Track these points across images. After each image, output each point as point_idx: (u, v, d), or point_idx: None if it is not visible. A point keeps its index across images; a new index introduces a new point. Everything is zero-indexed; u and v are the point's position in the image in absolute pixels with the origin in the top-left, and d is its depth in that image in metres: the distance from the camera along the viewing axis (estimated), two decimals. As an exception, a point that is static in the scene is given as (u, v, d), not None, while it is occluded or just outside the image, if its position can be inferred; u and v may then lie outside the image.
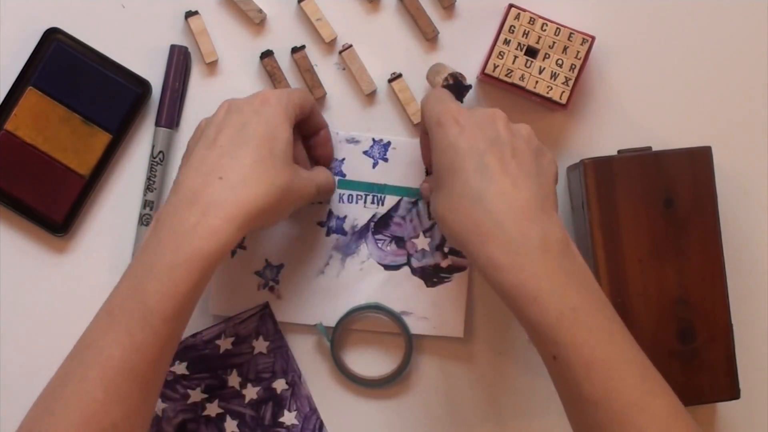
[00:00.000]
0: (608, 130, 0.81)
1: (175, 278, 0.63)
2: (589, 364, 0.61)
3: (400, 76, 0.80)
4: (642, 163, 0.75)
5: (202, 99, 0.81)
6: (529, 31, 0.77)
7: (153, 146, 0.80)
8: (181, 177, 0.67)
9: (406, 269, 0.80)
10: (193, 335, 0.78)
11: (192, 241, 0.64)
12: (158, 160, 0.79)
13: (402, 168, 0.80)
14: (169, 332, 0.64)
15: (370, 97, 0.81)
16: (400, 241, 0.80)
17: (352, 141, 0.80)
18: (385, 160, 0.80)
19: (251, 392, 0.79)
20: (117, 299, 0.65)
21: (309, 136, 0.78)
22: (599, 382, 0.61)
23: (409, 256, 0.80)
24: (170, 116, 0.80)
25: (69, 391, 0.62)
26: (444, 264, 0.80)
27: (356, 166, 0.80)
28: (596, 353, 0.61)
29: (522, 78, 0.77)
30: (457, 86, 0.75)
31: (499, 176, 0.65)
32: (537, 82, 0.77)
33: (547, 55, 0.77)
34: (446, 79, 0.75)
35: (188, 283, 0.63)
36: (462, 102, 0.76)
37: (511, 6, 0.78)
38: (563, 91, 0.77)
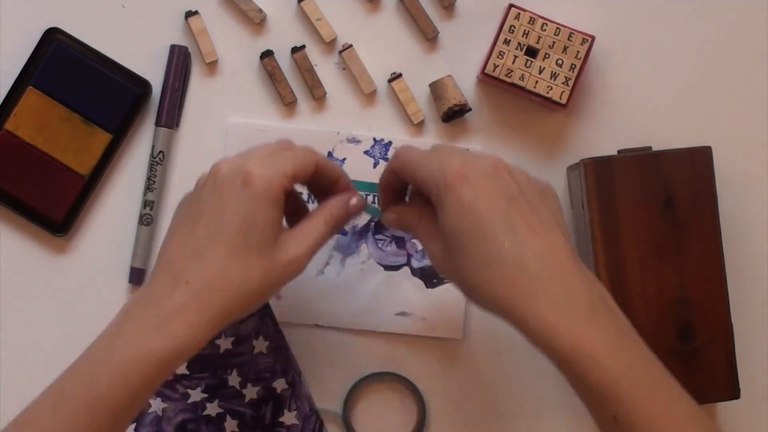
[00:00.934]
0: (608, 130, 0.81)
1: (129, 375, 0.62)
2: (652, 423, 0.60)
3: (400, 75, 0.81)
4: (642, 163, 0.75)
5: (202, 99, 0.81)
6: (529, 31, 0.77)
7: (153, 146, 0.80)
8: (159, 265, 0.66)
9: (406, 270, 0.80)
10: (193, 335, 0.78)
11: (151, 340, 0.63)
12: (158, 160, 0.79)
13: (402, 168, 0.80)
14: (113, 426, 0.63)
15: (370, 97, 0.81)
16: (400, 242, 0.80)
17: (353, 141, 0.80)
18: (386, 160, 0.80)
19: (251, 392, 0.79)
20: (69, 381, 0.64)
21: (326, 188, 0.71)
22: None
23: (409, 256, 0.80)
24: (170, 116, 0.80)
25: None
26: (444, 264, 0.80)
27: (357, 166, 0.80)
28: (656, 411, 0.61)
29: (522, 78, 0.77)
30: (459, 112, 0.77)
31: (529, 236, 0.63)
32: (537, 82, 0.77)
33: (547, 55, 0.77)
34: (450, 109, 0.78)
35: (140, 382, 0.63)
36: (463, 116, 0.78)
37: (511, 6, 0.78)
38: (563, 91, 0.77)
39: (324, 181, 0.70)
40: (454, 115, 0.79)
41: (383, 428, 0.80)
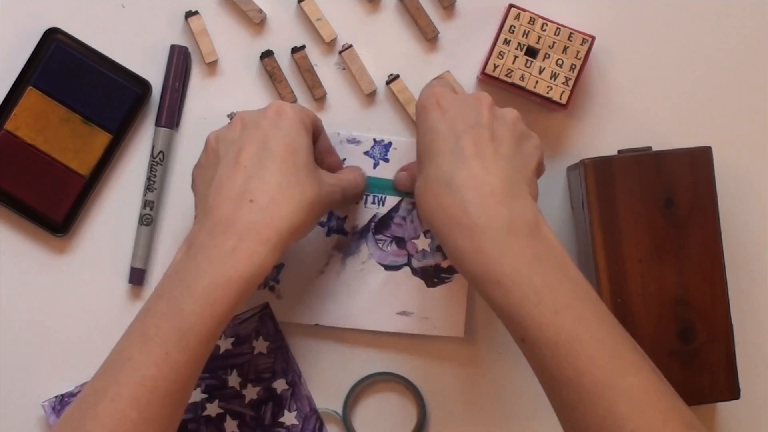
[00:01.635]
0: (608, 130, 0.81)
1: (214, 300, 0.64)
2: (556, 345, 0.61)
3: (397, 77, 0.80)
4: (642, 163, 0.75)
5: (202, 99, 0.81)
6: (529, 31, 0.77)
7: (153, 146, 0.80)
8: (210, 202, 0.67)
9: (406, 269, 0.80)
10: (194, 335, 0.78)
11: (231, 264, 0.64)
12: (158, 160, 0.79)
13: (402, 168, 0.80)
14: (203, 352, 0.65)
15: (370, 97, 0.81)
16: (400, 242, 0.80)
17: (353, 141, 0.80)
18: (386, 160, 0.80)
19: (251, 392, 0.79)
20: (151, 319, 0.65)
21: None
22: (567, 362, 0.61)
23: (409, 256, 0.80)
24: (170, 116, 0.80)
25: (101, 410, 0.62)
26: (445, 264, 0.80)
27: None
28: (562, 334, 0.61)
29: (522, 78, 0.77)
30: None
31: (471, 159, 0.66)
32: (537, 82, 0.77)
33: (547, 55, 0.77)
34: None
35: (226, 305, 0.64)
36: None
37: (511, 6, 0.78)
38: (563, 91, 0.77)
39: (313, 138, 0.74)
40: None
41: (384, 428, 0.80)
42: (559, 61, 0.77)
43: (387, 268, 0.80)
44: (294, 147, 0.68)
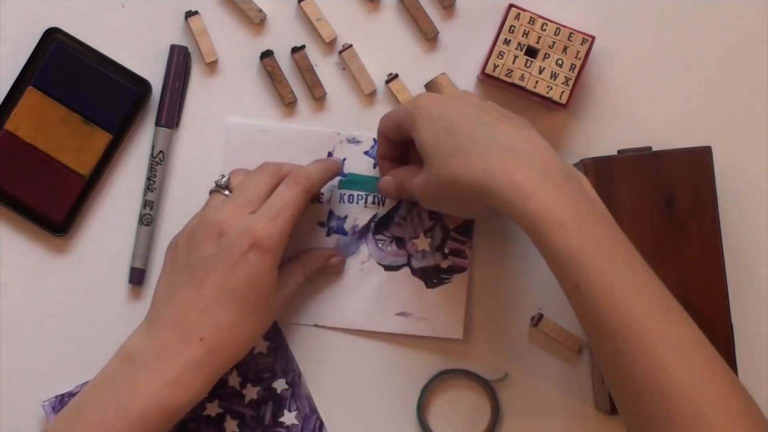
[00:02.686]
0: (608, 130, 0.81)
1: (146, 424, 0.66)
2: (611, 291, 0.62)
3: (396, 76, 0.80)
4: (642, 163, 0.75)
5: (202, 99, 0.81)
6: (529, 31, 0.77)
7: (153, 146, 0.80)
8: (163, 318, 0.69)
9: (406, 270, 0.80)
10: (194, 335, 0.78)
11: (168, 394, 0.67)
12: (158, 160, 0.79)
13: (402, 168, 0.80)
14: None
15: (370, 97, 0.81)
16: (400, 242, 0.80)
17: (353, 141, 0.80)
18: (386, 160, 0.80)
19: (251, 392, 0.79)
20: (81, 425, 0.67)
21: None
22: (619, 309, 0.62)
23: (409, 256, 0.80)
24: (170, 116, 0.80)
25: None
26: (444, 265, 0.80)
27: (357, 167, 0.80)
28: (617, 281, 0.62)
29: (522, 78, 0.77)
30: None
31: (503, 126, 0.68)
32: (537, 82, 0.77)
33: (547, 55, 0.77)
34: None
35: (158, 428, 0.67)
36: None
37: (511, 6, 0.78)
38: (563, 91, 0.77)
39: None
40: None
41: (457, 425, 0.80)
42: (559, 61, 0.77)
43: (387, 268, 0.80)
44: (258, 285, 0.69)
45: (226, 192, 0.74)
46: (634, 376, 0.61)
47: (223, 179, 0.75)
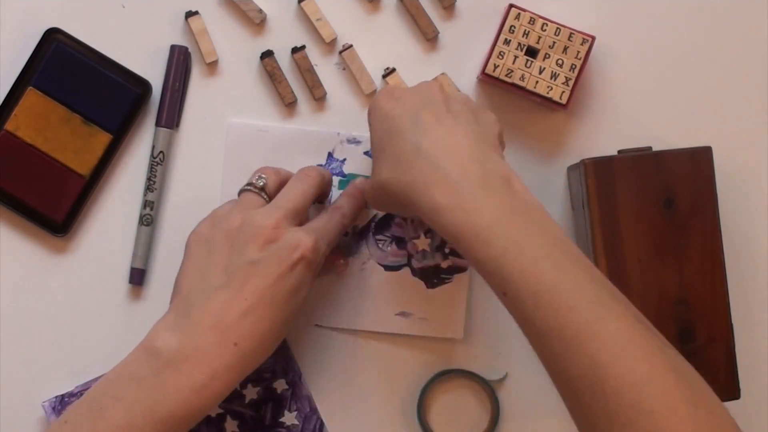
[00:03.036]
0: (608, 130, 0.81)
1: (172, 428, 0.65)
2: (537, 295, 0.61)
3: (393, 70, 0.80)
4: (642, 163, 0.75)
5: (202, 99, 0.81)
6: (529, 31, 0.77)
7: (153, 146, 0.80)
8: (195, 316, 0.67)
9: (406, 270, 0.80)
10: (194, 335, 0.78)
11: (197, 398, 0.65)
12: (158, 160, 0.79)
13: (402, 168, 0.80)
14: None
15: (370, 97, 0.81)
16: (400, 242, 0.80)
17: (353, 141, 0.80)
18: (386, 160, 0.80)
19: (251, 392, 0.79)
20: (105, 423, 0.65)
21: None
22: (548, 312, 0.60)
23: (409, 256, 0.80)
24: (170, 116, 0.80)
25: None
26: (444, 265, 0.80)
27: (357, 167, 0.80)
28: (542, 284, 0.61)
29: (522, 78, 0.77)
30: None
31: (434, 127, 0.67)
32: (537, 82, 0.77)
33: (547, 55, 0.77)
34: None
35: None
36: None
37: (511, 6, 0.78)
38: (563, 91, 0.77)
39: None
40: None
41: (459, 428, 0.80)
42: (559, 61, 0.77)
43: (387, 268, 0.80)
44: (297, 293, 0.69)
45: (264, 195, 0.72)
46: (572, 377, 0.60)
47: (260, 180, 0.73)
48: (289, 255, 0.68)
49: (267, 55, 0.80)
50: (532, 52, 0.78)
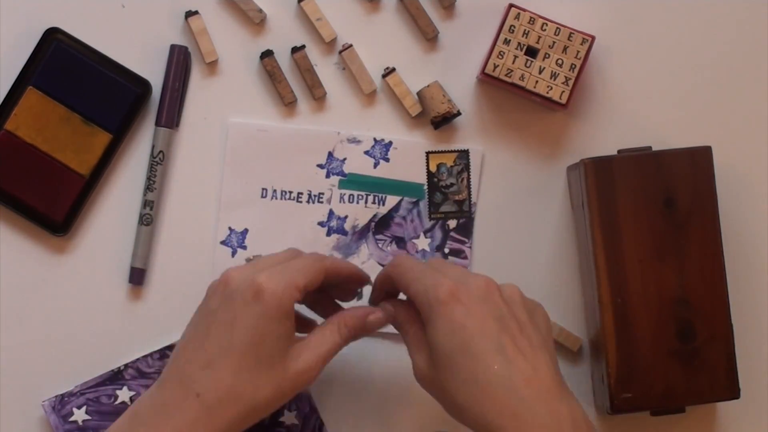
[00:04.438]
0: (608, 130, 0.81)
1: None
2: None
3: (393, 70, 0.80)
4: (642, 163, 0.75)
5: (202, 99, 0.81)
6: (529, 31, 0.77)
7: (153, 146, 0.80)
8: (168, 373, 0.67)
9: (406, 269, 0.80)
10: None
11: None
12: (158, 160, 0.79)
13: (403, 168, 0.80)
14: None
15: (370, 96, 0.81)
16: (400, 242, 0.80)
17: (354, 141, 0.80)
18: (387, 160, 0.80)
19: (251, 392, 0.79)
20: None
21: (341, 283, 0.74)
22: None
23: (409, 256, 0.80)
24: (170, 116, 0.80)
25: None
26: (444, 264, 0.80)
27: (357, 167, 0.80)
28: None
29: (522, 78, 0.77)
30: (446, 120, 0.78)
31: (518, 359, 0.64)
32: (537, 81, 0.77)
33: (547, 55, 0.77)
34: (434, 119, 0.78)
35: None
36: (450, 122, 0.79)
37: (511, 6, 0.78)
38: (563, 91, 0.77)
39: (337, 278, 0.71)
40: (442, 122, 0.79)
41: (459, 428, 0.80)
42: (559, 61, 0.77)
43: (387, 268, 0.80)
44: (261, 337, 0.65)
45: None
46: None
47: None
48: (241, 294, 0.65)
49: (267, 54, 0.80)
50: (531, 52, 0.78)
